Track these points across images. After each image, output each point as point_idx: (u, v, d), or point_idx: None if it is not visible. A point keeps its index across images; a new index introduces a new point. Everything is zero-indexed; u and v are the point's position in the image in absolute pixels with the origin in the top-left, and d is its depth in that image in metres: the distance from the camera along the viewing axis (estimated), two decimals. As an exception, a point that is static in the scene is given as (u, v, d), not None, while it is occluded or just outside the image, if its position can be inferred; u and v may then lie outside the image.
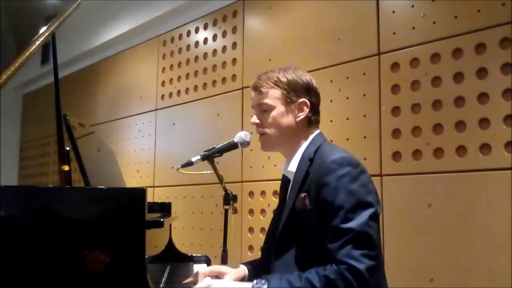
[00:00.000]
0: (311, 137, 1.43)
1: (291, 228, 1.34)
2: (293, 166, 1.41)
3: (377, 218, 1.26)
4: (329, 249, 1.21)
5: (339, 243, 1.19)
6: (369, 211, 1.22)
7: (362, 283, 1.15)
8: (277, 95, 1.41)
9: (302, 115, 1.41)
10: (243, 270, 1.45)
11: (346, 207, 1.21)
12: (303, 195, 1.32)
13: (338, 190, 1.23)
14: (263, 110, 1.43)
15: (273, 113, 1.40)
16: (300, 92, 1.42)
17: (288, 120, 1.41)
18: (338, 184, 1.24)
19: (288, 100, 1.41)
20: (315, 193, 1.29)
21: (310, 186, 1.31)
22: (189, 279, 1.43)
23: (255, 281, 1.21)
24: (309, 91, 1.43)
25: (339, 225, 1.20)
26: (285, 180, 1.52)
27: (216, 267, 1.41)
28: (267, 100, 1.41)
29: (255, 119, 1.45)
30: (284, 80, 1.41)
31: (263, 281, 1.20)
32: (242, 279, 1.41)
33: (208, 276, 1.36)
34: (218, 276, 1.37)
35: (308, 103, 1.42)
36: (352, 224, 1.19)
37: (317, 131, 1.45)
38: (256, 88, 1.44)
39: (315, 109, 1.45)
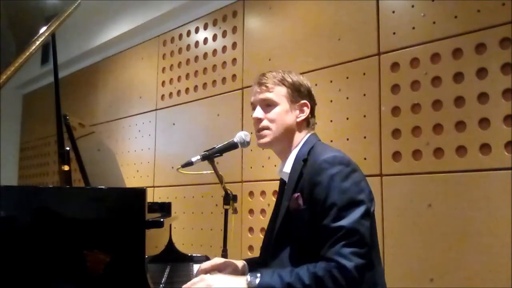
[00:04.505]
0: (305, 138, 1.45)
1: (286, 228, 1.35)
2: (287, 167, 1.43)
3: (369, 216, 1.27)
4: (321, 247, 1.22)
5: (330, 241, 1.20)
6: (361, 209, 1.23)
7: (351, 281, 1.16)
8: (283, 92, 1.43)
9: (303, 116, 1.44)
10: (244, 265, 1.49)
11: (338, 205, 1.22)
12: (296, 195, 1.33)
13: (330, 189, 1.24)
14: (267, 105, 1.43)
15: (277, 109, 1.42)
16: (303, 93, 1.45)
17: (290, 118, 1.43)
18: (330, 183, 1.25)
19: (293, 99, 1.44)
20: (308, 193, 1.30)
21: (303, 186, 1.32)
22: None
23: (248, 275, 1.23)
24: (310, 94, 1.48)
25: (330, 224, 1.21)
26: (282, 182, 1.53)
27: (217, 263, 1.44)
28: (273, 96, 1.42)
29: (258, 113, 1.44)
30: (290, 80, 1.44)
31: (257, 274, 1.22)
32: (242, 274, 1.43)
33: (210, 270, 1.41)
34: (219, 270, 1.41)
35: (309, 105, 1.45)
36: (343, 222, 1.20)
37: (311, 132, 1.48)
38: (262, 84, 1.45)
39: (312, 112, 1.49)
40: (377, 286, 1.32)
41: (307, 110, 1.45)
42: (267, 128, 1.43)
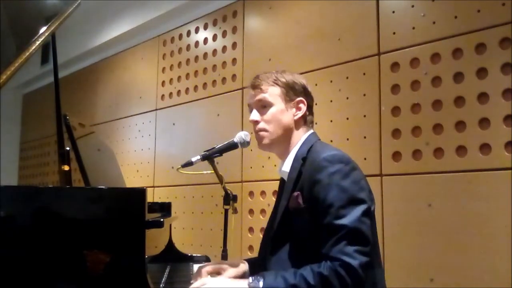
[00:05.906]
0: (304, 136, 1.45)
1: (285, 226, 1.35)
2: (287, 166, 1.42)
3: (370, 215, 1.27)
4: (323, 246, 1.21)
5: (333, 240, 1.20)
6: (362, 208, 1.23)
7: (356, 279, 1.16)
8: (277, 92, 1.44)
9: (299, 114, 1.45)
10: (244, 266, 1.46)
11: (338, 204, 1.22)
12: (296, 193, 1.33)
13: (330, 187, 1.24)
14: (262, 106, 1.44)
15: (273, 110, 1.43)
16: (297, 91, 1.46)
17: (287, 118, 1.43)
18: (329, 181, 1.25)
19: (288, 98, 1.44)
20: (307, 191, 1.30)
21: (303, 185, 1.32)
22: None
23: (251, 278, 1.22)
24: (306, 92, 1.48)
25: (332, 222, 1.21)
26: (282, 181, 1.53)
27: (217, 265, 1.43)
28: (267, 96, 1.43)
29: (254, 116, 1.45)
30: (283, 79, 1.45)
31: (259, 277, 1.21)
32: (243, 275, 1.42)
33: (210, 273, 1.38)
34: (219, 272, 1.39)
35: (305, 102, 1.45)
36: (345, 220, 1.20)
37: (311, 131, 1.48)
38: (256, 86, 1.46)
39: (310, 110, 1.49)
40: (377, 286, 1.31)
41: (303, 107, 1.45)
42: (264, 130, 1.43)
